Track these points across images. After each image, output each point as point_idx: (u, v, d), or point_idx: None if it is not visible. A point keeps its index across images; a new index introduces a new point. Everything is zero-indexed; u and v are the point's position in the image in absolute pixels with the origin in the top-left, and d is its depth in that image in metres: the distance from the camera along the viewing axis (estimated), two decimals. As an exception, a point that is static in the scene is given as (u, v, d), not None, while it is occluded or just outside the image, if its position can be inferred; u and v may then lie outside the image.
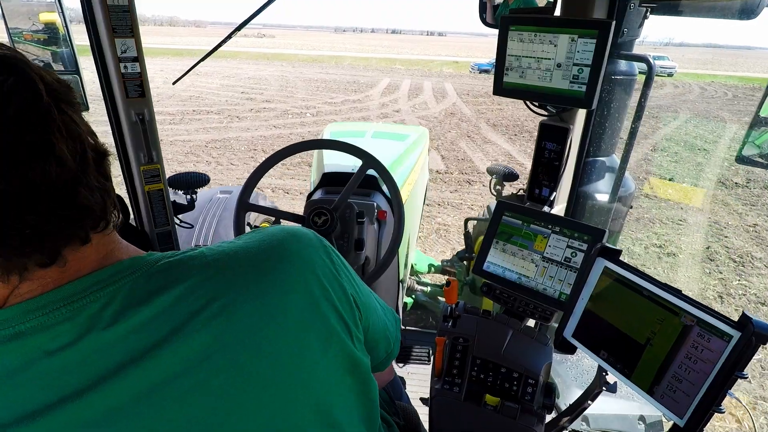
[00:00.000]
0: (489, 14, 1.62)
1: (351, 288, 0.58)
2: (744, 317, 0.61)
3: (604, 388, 0.83)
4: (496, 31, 1.36)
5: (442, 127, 10.23)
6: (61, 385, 0.43)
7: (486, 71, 23.28)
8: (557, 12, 1.32)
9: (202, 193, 2.18)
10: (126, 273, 0.47)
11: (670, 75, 23.39)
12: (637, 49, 1.39)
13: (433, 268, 3.09)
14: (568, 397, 1.45)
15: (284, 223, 1.55)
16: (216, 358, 0.46)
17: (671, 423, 0.67)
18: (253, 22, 1.43)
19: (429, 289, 2.87)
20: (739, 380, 0.61)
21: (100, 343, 0.44)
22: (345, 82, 17.88)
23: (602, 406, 1.42)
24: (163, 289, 0.47)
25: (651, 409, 1.43)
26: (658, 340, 0.69)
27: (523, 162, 7.54)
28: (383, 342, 0.68)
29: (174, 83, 1.64)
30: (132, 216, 1.36)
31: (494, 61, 1.34)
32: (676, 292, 0.68)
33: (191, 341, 0.45)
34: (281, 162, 1.46)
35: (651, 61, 1.26)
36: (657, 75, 1.25)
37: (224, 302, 0.47)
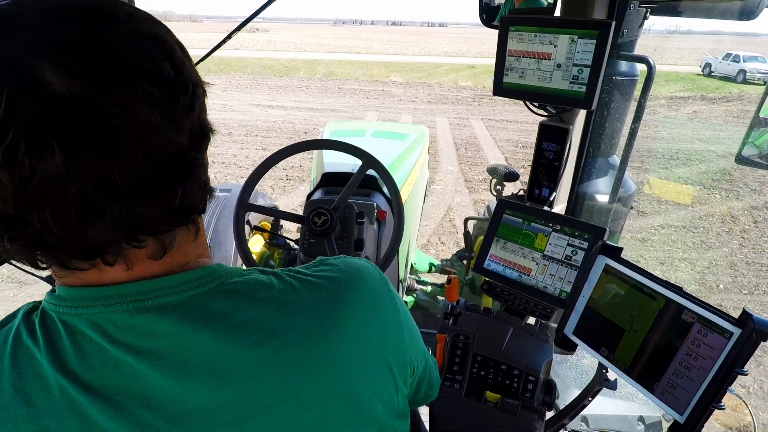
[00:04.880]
0: (489, 15, 1.63)
1: (410, 339, 0.56)
2: (744, 314, 0.61)
3: (604, 386, 0.83)
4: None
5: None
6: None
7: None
8: (557, 12, 1.33)
9: (201, 192, 2.16)
10: (192, 285, 0.44)
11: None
12: (645, 39, 1.38)
13: (433, 268, 3.09)
14: (567, 397, 1.45)
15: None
16: (258, 402, 0.43)
17: (670, 423, 0.67)
18: (253, 14, 1.42)
19: (429, 288, 2.87)
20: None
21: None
22: (287, 135, 8.26)
23: (602, 406, 1.42)
24: (220, 317, 0.44)
25: (650, 410, 1.43)
26: (659, 336, 0.69)
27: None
28: (426, 384, 0.66)
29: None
30: None
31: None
32: (677, 289, 0.68)
33: (235, 385, 0.43)
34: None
35: (651, 61, 1.27)
36: (753, 83, 1.23)
37: (276, 345, 0.44)
